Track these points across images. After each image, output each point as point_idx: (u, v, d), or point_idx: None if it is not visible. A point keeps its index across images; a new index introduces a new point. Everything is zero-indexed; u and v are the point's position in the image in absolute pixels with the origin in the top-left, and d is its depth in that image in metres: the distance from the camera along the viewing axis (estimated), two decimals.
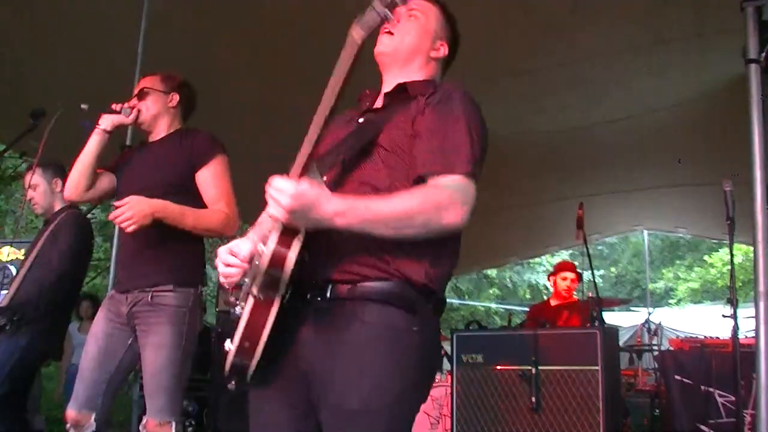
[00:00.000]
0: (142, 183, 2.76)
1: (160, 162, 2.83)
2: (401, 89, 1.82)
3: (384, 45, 1.84)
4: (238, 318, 1.59)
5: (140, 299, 2.71)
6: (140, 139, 3.10)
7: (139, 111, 2.88)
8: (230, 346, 1.56)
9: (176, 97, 2.97)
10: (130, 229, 2.55)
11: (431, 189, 1.57)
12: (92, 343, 2.78)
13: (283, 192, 1.42)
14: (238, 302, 1.62)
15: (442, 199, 1.55)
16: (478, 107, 1.73)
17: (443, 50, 1.91)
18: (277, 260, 1.47)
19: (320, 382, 1.58)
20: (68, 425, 2.74)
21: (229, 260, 1.63)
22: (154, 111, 2.92)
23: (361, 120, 1.83)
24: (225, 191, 2.85)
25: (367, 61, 1.72)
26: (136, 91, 2.95)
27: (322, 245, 1.57)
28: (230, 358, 1.55)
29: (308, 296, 1.61)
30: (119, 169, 2.95)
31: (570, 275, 5.77)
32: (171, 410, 2.70)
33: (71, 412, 2.72)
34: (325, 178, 1.64)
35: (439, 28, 1.91)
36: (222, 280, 1.64)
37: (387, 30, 1.83)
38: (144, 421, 2.73)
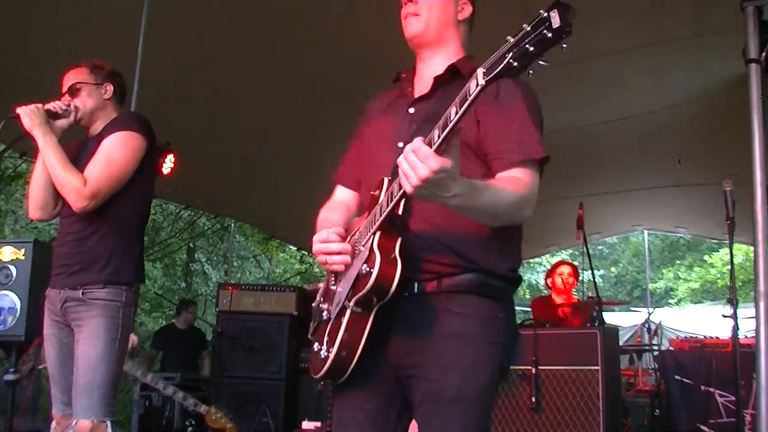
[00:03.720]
0: None
1: (94, 154, 2.70)
2: (453, 71, 1.75)
3: (413, 28, 1.79)
4: (325, 323, 1.68)
5: (72, 296, 2.63)
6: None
7: (76, 108, 2.75)
8: (325, 353, 1.62)
9: (110, 88, 2.82)
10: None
11: (518, 185, 1.60)
12: (48, 347, 2.74)
13: (424, 164, 1.35)
14: (324, 308, 1.70)
15: (525, 196, 1.60)
16: (532, 89, 1.72)
17: (467, 9, 1.85)
18: (382, 282, 1.51)
19: (413, 374, 1.63)
20: (53, 425, 2.70)
21: (331, 248, 1.63)
22: (91, 106, 2.77)
23: (411, 110, 1.78)
24: (106, 165, 2.62)
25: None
26: (65, 88, 2.79)
27: (406, 247, 1.59)
28: (327, 366, 1.60)
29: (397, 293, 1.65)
30: None
31: (566, 269, 5.76)
32: (106, 409, 2.53)
33: (56, 415, 2.69)
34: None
35: None
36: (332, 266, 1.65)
37: (411, 12, 1.78)
38: (73, 423, 2.54)
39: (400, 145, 1.69)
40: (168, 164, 5.78)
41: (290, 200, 7.13)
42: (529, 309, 6.35)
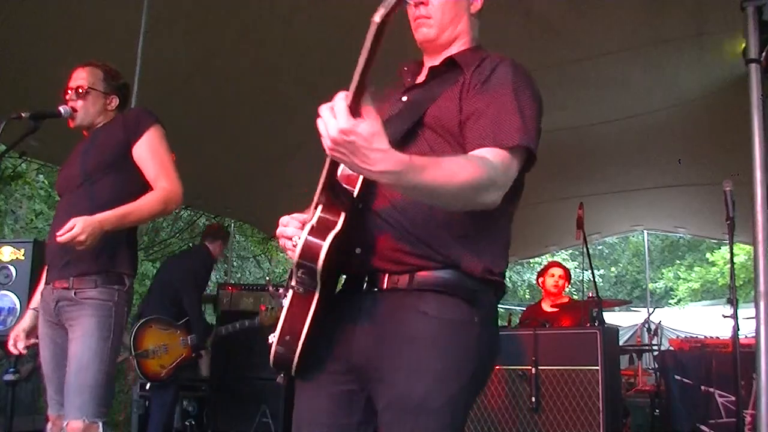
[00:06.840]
0: (79, 168, 2.70)
1: (95, 146, 2.73)
2: (450, 63, 1.67)
3: (424, 33, 1.69)
4: (281, 310, 1.55)
5: (65, 295, 2.61)
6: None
7: (75, 111, 2.74)
8: (271, 338, 1.51)
9: (115, 101, 2.83)
10: (81, 248, 2.47)
11: (480, 164, 1.43)
12: (43, 347, 2.72)
13: (334, 121, 1.24)
14: (282, 294, 1.57)
15: (488, 176, 1.42)
16: (530, 78, 1.61)
17: (479, 1, 1.75)
18: (307, 253, 1.39)
19: (379, 377, 1.51)
20: (48, 426, 2.69)
21: (285, 232, 1.51)
22: (93, 112, 2.78)
23: (404, 98, 1.69)
24: (163, 164, 2.72)
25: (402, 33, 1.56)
26: (73, 84, 2.78)
27: (371, 234, 1.51)
28: (272, 350, 1.50)
29: (364, 286, 1.55)
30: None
31: (557, 270, 5.58)
32: (97, 410, 2.51)
33: (52, 416, 2.67)
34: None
35: None
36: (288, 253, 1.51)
37: (422, 15, 1.68)
38: (64, 423, 2.51)
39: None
40: None
41: (290, 200, 7.12)
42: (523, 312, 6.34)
